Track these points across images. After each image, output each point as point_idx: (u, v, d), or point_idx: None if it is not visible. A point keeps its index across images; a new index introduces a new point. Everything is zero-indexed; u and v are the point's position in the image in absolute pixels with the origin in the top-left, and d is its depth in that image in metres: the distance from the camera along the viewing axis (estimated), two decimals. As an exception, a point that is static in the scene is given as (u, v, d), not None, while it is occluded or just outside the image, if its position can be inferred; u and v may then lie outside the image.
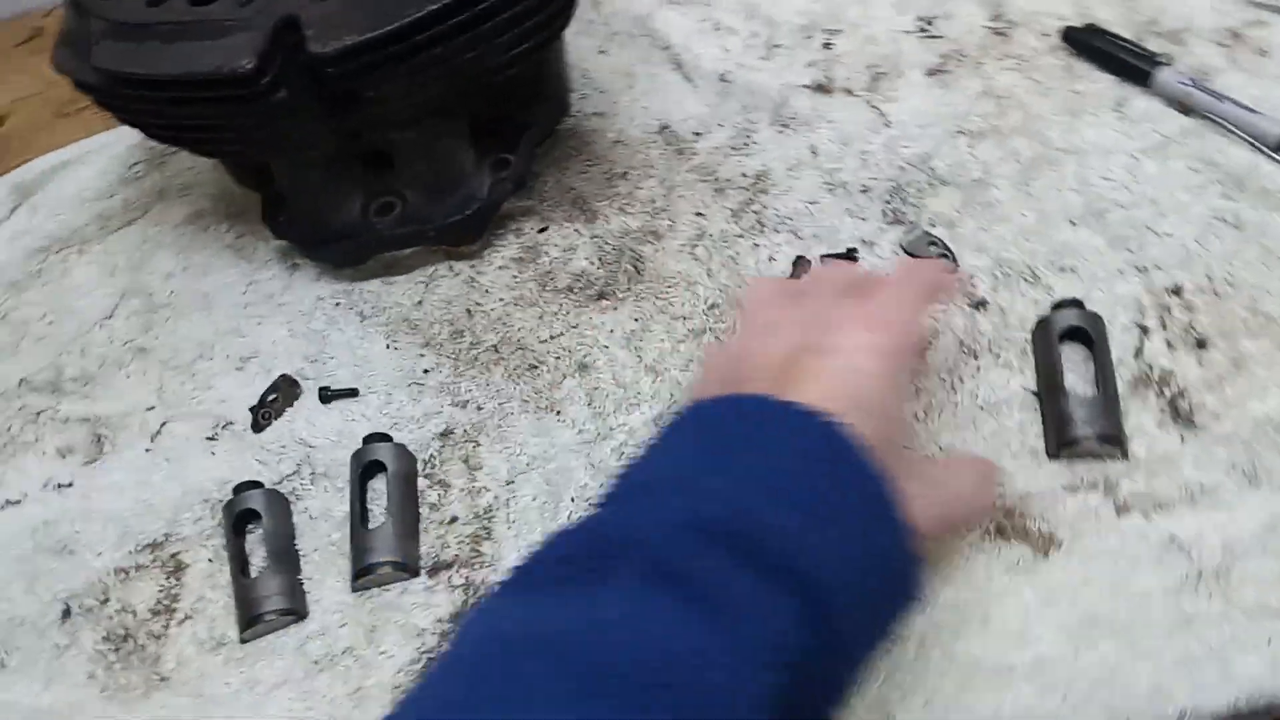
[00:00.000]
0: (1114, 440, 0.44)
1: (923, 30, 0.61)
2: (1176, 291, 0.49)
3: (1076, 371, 0.46)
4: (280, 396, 0.53)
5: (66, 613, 0.48)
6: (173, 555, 0.49)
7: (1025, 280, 0.50)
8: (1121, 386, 0.46)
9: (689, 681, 0.26)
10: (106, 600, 0.48)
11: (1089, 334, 0.46)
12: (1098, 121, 0.55)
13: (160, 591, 0.48)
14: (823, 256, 0.53)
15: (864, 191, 0.55)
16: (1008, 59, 0.59)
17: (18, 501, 0.52)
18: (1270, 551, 0.41)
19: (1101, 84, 0.57)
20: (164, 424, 0.53)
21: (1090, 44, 0.57)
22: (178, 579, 0.48)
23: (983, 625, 0.41)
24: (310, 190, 0.54)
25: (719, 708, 0.26)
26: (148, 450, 0.53)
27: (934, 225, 0.53)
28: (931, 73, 0.59)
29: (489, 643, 0.28)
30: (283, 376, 0.53)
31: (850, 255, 0.52)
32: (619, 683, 0.25)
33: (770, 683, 0.27)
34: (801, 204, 0.55)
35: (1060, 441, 0.44)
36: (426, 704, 0.28)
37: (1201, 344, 0.47)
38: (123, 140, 0.65)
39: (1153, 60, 0.55)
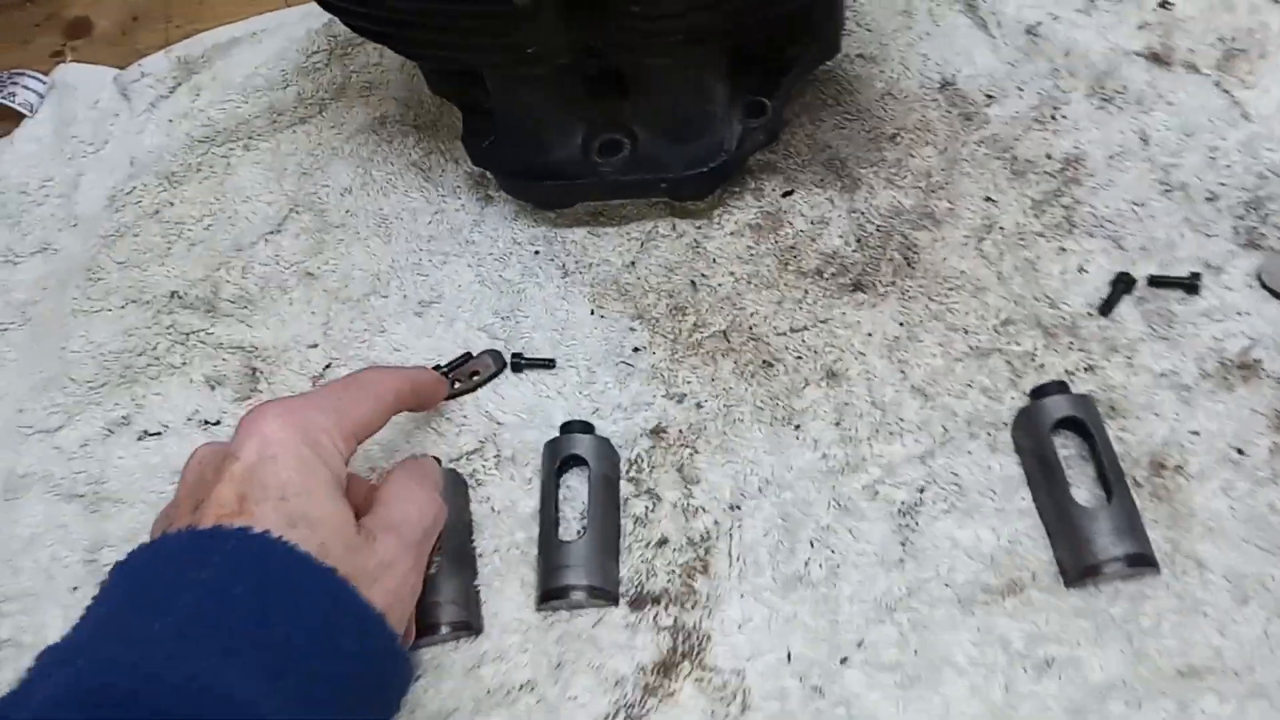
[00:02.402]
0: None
1: (1294, -2, 0.48)
2: None
3: None
4: (481, 374, 0.44)
5: (205, 578, 0.41)
6: (329, 529, 0.41)
7: None
8: None
9: None
10: (250, 570, 0.41)
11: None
12: None
13: (312, 571, 0.41)
14: (1151, 279, 0.42)
15: (1210, 200, 0.44)
16: None
17: (157, 434, 0.46)
18: None
19: None
20: (328, 366, 0.46)
21: None
22: (332, 559, 0.41)
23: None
24: (527, 113, 0.45)
25: None
26: (307, 395, 0.45)
27: (1302, 255, 0.41)
28: (1306, 55, 0.47)
29: None
30: (490, 353, 0.44)
31: (1191, 283, 0.41)
32: None
33: None
34: (1126, 204, 0.44)
35: None
36: None
37: None
38: (304, 21, 0.57)
39: None
